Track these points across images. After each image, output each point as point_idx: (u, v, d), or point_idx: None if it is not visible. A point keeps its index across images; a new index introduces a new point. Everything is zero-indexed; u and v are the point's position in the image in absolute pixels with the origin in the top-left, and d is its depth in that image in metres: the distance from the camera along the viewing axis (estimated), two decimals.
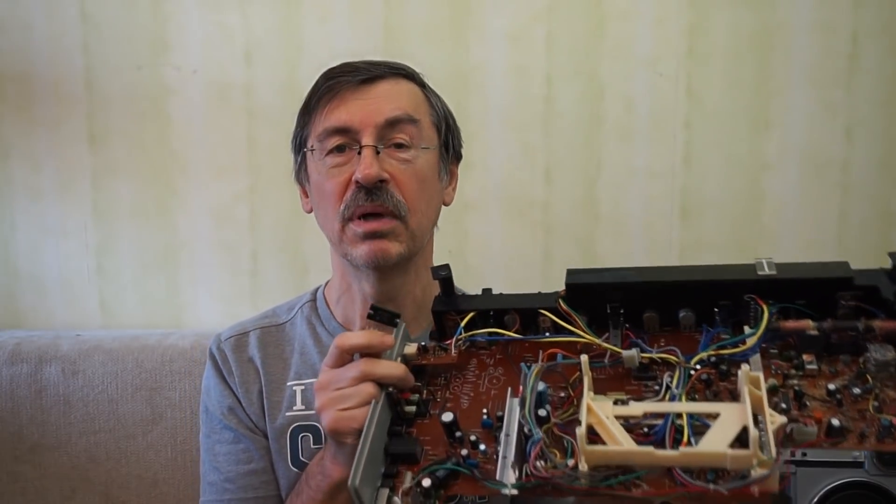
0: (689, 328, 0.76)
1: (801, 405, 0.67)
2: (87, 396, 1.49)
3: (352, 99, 1.01)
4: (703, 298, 0.74)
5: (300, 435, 1.08)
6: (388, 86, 1.03)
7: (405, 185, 1.00)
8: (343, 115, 1.01)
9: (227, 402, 1.11)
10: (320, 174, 1.03)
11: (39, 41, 1.69)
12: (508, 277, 1.69)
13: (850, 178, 1.64)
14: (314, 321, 1.13)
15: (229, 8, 1.67)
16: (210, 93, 1.68)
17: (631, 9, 1.63)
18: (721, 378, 0.70)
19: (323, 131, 1.02)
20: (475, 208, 1.68)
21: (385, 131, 1.00)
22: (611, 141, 1.66)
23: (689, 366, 0.70)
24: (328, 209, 1.02)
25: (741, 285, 0.72)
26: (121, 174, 1.71)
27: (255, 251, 1.72)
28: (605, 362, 0.73)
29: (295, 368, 1.11)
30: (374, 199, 0.98)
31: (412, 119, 1.02)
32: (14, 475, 1.50)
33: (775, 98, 1.64)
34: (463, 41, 1.65)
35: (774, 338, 0.72)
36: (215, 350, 1.14)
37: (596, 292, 0.76)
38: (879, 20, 1.61)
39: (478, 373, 0.79)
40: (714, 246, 1.67)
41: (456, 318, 0.82)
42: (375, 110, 1.00)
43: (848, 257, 0.77)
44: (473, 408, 0.75)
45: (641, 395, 0.70)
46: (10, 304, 1.75)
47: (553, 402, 0.71)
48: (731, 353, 0.70)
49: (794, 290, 0.72)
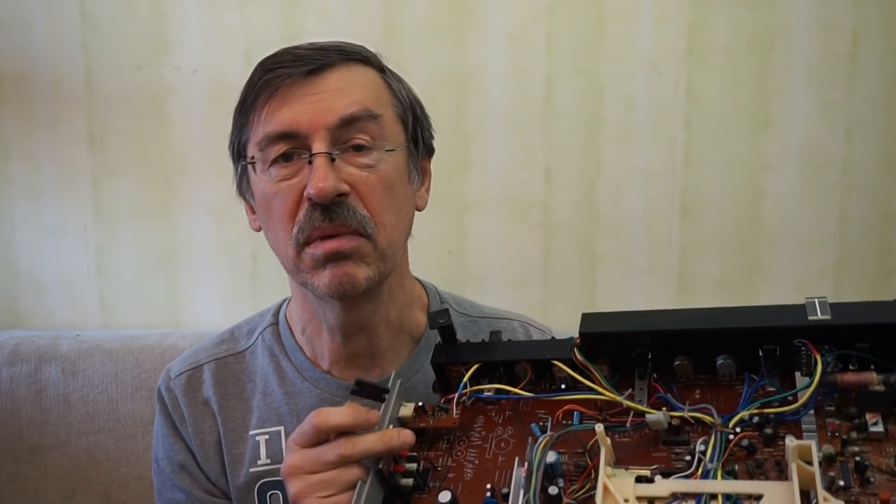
0: (728, 376, 0.66)
1: (864, 480, 0.56)
2: (87, 396, 1.49)
3: (296, 95, 0.83)
4: (744, 342, 0.64)
5: (269, 493, 0.92)
6: (339, 76, 0.84)
7: (369, 196, 0.83)
8: (286, 116, 0.82)
9: (177, 459, 0.95)
10: (265, 190, 0.85)
11: (39, 41, 1.69)
12: (508, 277, 1.69)
13: (850, 178, 1.64)
14: (276, 352, 0.96)
15: (229, 8, 1.67)
16: (210, 93, 1.68)
17: (631, 8, 1.63)
18: (766, 443, 0.60)
19: (264, 138, 0.84)
20: (475, 208, 1.67)
21: (340, 133, 0.82)
22: (611, 141, 1.66)
23: (726, 430, 0.60)
24: (279, 231, 0.85)
25: (789, 332, 0.62)
26: (121, 174, 1.71)
27: (254, 251, 1.72)
28: (626, 427, 0.64)
29: (258, 413, 0.94)
30: (333, 217, 0.81)
31: (372, 115, 0.84)
32: (14, 475, 1.50)
33: (775, 98, 1.63)
34: (463, 41, 1.65)
35: (831, 391, 0.62)
36: (164, 391, 0.97)
37: (616, 341, 0.67)
38: (880, 20, 1.61)
39: (484, 434, 0.70)
40: (714, 246, 1.67)
41: (460, 368, 0.73)
42: (326, 108, 0.82)
43: (848, 257, 0.75)
44: (478, 479, 0.66)
45: (671, 466, 0.61)
46: (9, 304, 1.75)
47: (568, 472, 0.62)
48: (778, 413, 0.61)
49: (855, 333, 0.62)
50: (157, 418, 0.99)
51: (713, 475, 0.57)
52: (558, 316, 1.65)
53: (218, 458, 0.94)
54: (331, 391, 0.93)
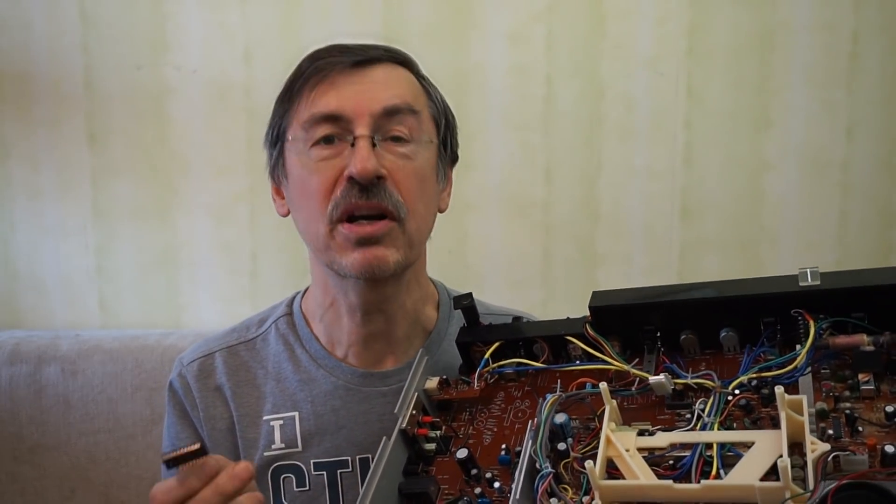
0: (732, 349, 0.69)
1: (854, 431, 0.59)
2: (87, 396, 1.49)
3: (344, 83, 0.87)
4: (746, 316, 0.68)
5: (282, 476, 0.95)
6: (384, 70, 0.90)
7: (404, 183, 0.87)
8: (333, 100, 0.87)
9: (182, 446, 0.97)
10: (304, 168, 0.89)
11: (39, 41, 1.69)
12: (508, 277, 1.69)
13: (850, 178, 1.64)
14: (291, 340, 0.98)
15: (229, 8, 1.67)
16: (210, 93, 1.68)
17: (631, 8, 1.63)
18: (764, 404, 0.63)
19: (310, 118, 0.88)
20: (475, 208, 1.67)
21: (382, 121, 0.87)
22: (611, 141, 1.66)
23: (725, 390, 0.64)
24: (312, 209, 0.88)
25: (782, 299, 0.66)
26: (121, 174, 1.71)
27: (254, 251, 1.72)
28: (632, 391, 0.68)
29: (272, 399, 0.96)
30: (371, 196, 0.84)
31: (412, 109, 0.89)
32: (14, 475, 1.50)
33: (776, 98, 1.63)
34: (463, 41, 1.65)
35: (827, 357, 0.64)
36: (176, 378, 1.00)
37: (624, 314, 0.70)
38: (880, 20, 1.61)
39: (504, 406, 0.74)
40: (714, 246, 1.67)
41: (482, 348, 0.77)
42: (371, 97, 0.87)
43: (848, 257, 0.76)
44: (496, 444, 0.70)
45: (674, 426, 0.64)
46: (9, 303, 1.75)
47: (578, 435, 0.66)
48: (775, 375, 0.64)
49: (848, 301, 0.65)
50: (167, 411, 1.00)
51: (710, 428, 0.61)
52: (558, 316, 1.64)
53: (228, 444, 0.96)
54: (345, 378, 0.96)
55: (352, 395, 0.95)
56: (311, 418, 0.95)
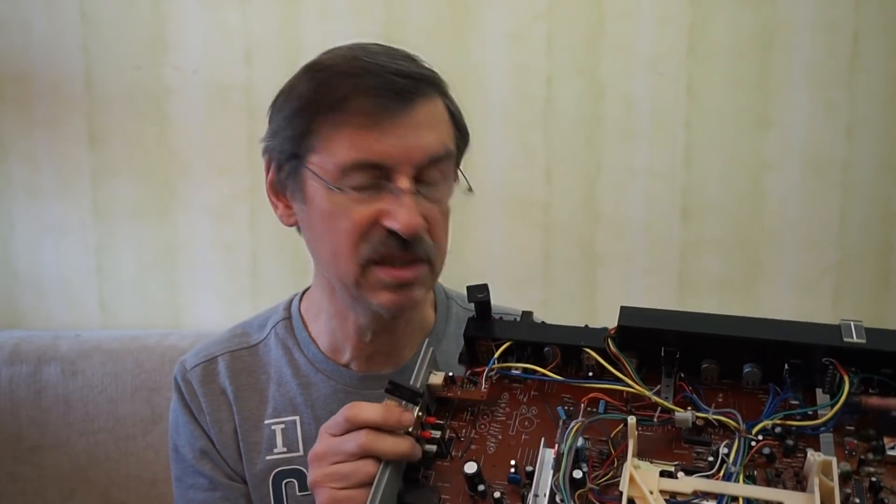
0: (752, 384, 0.68)
1: (878, 501, 0.58)
2: (87, 397, 1.49)
3: (390, 126, 0.81)
4: (772, 354, 0.66)
5: (284, 481, 0.95)
6: (427, 110, 0.84)
7: (435, 228, 0.85)
8: (376, 147, 0.81)
9: (198, 445, 0.97)
10: (332, 204, 0.84)
11: (39, 41, 1.69)
12: (508, 277, 1.69)
13: (850, 178, 1.64)
14: (290, 345, 0.98)
15: (229, 7, 1.67)
16: (210, 93, 1.68)
17: (631, 8, 1.63)
18: (785, 454, 0.62)
19: (351, 163, 0.81)
20: (475, 208, 1.67)
21: (424, 171, 0.83)
22: (611, 141, 1.66)
23: (750, 436, 0.62)
24: (341, 246, 0.84)
25: (821, 350, 0.64)
26: (121, 174, 1.71)
27: (254, 251, 1.72)
28: (654, 421, 0.65)
29: (273, 403, 0.97)
30: (410, 248, 0.82)
31: (450, 154, 0.86)
32: (14, 475, 1.50)
33: (776, 98, 1.63)
34: (463, 41, 1.65)
35: (852, 412, 0.63)
36: (181, 381, 0.99)
37: (654, 337, 0.68)
38: (880, 20, 1.61)
39: (509, 411, 0.71)
40: (715, 246, 1.67)
41: (490, 344, 0.74)
42: (415, 145, 0.82)
43: (848, 257, 0.76)
44: (500, 454, 0.67)
45: (692, 464, 0.62)
46: (9, 304, 1.75)
47: (591, 458, 0.63)
48: (800, 426, 0.62)
49: (882, 359, 0.63)
50: (175, 407, 1.00)
51: (735, 478, 0.59)
52: (558, 316, 1.64)
53: (235, 445, 0.96)
54: (344, 381, 0.96)
55: (351, 398, 0.93)
56: (312, 422, 0.95)
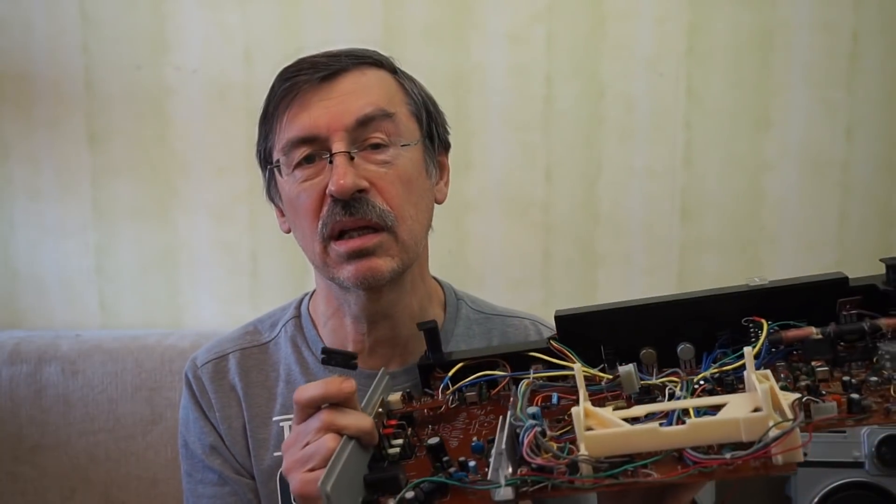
0: (689, 362, 0.71)
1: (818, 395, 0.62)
2: (87, 396, 1.49)
3: (314, 101, 0.88)
4: (701, 329, 0.71)
5: None
6: (352, 79, 0.90)
7: (388, 190, 0.88)
8: (306, 121, 0.88)
9: (208, 440, 0.98)
10: (291, 189, 0.90)
11: (39, 41, 1.69)
12: (508, 277, 1.69)
13: (850, 178, 1.64)
14: (299, 343, 1.00)
15: (229, 7, 1.67)
16: (210, 92, 1.68)
17: (631, 8, 1.63)
18: (727, 391, 0.66)
19: (287, 143, 0.89)
20: (475, 208, 1.68)
21: (357, 133, 0.87)
22: (611, 141, 1.66)
23: (692, 378, 0.67)
24: (306, 228, 0.90)
25: (734, 301, 0.70)
26: (121, 174, 1.71)
27: (254, 251, 1.72)
28: (601, 385, 0.69)
29: (281, 400, 0.98)
30: (354, 212, 0.86)
31: (386, 113, 0.89)
32: (14, 475, 1.50)
33: (775, 98, 1.64)
34: (463, 41, 1.65)
35: (779, 352, 0.68)
36: (192, 377, 1.01)
37: (588, 332, 0.73)
38: (880, 20, 1.61)
39: (468, 422, 0.74)
40: (714, 246, 1.67)
41: (443, 375, 0.78)
42: (343, 111, 0.87)
43: (848, 257, 0.77)
44: (465, 443, 0.70)
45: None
46: (9, 303, 1.75)
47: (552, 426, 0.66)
48: (735, 368, 0.66)
49: (791, 305, 0.70)
50: (185, 403, 1.01)
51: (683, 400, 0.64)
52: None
53: (244, 442, 0.98)
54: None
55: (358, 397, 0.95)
56: None
